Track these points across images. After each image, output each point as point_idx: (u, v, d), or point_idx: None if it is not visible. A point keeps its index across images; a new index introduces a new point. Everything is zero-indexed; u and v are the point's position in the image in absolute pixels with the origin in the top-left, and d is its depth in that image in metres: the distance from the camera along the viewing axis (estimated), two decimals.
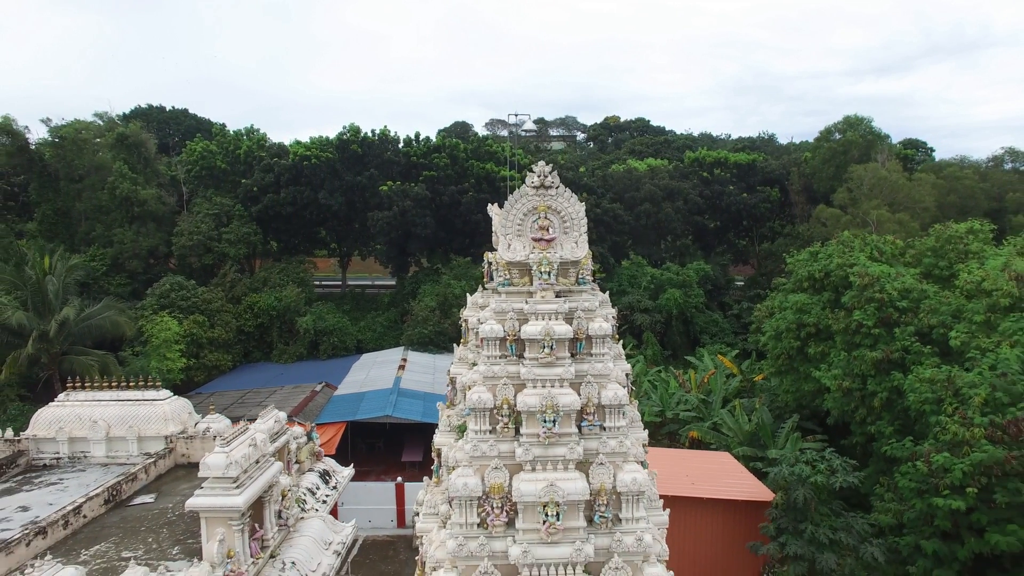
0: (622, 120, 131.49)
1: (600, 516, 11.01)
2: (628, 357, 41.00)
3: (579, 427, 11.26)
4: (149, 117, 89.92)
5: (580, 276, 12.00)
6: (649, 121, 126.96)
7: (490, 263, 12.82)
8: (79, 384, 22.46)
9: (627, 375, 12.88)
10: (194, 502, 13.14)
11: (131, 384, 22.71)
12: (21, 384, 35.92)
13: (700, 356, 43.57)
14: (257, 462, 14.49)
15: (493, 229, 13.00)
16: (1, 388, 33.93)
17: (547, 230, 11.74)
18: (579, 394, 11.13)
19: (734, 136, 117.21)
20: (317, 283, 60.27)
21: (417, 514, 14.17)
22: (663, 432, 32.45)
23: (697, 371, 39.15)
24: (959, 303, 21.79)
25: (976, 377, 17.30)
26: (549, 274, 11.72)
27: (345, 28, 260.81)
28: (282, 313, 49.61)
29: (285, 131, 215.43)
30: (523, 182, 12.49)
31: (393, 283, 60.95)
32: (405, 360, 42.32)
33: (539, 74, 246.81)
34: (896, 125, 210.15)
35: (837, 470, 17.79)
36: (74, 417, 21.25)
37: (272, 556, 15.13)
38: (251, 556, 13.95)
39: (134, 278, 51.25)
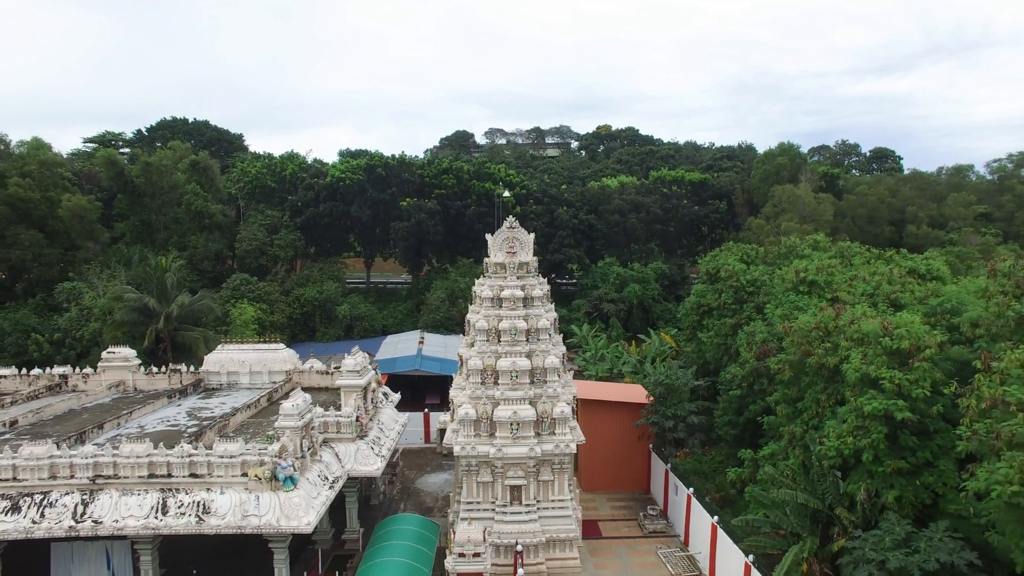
0: (613, 129, 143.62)
1: (537, 378, 24.09)
2: (595, 337, 54.40)
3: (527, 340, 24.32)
4: (174, 129, 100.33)
5: (528, 269, 25.08)
6: (638, 130, 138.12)
7: (486, 263, 25.86)
8: (227, 341, 35.62)
9: (555, 319, 25.99)
10: (339, 382, 26.12)
11: (257, 340, 35.83)
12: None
13: (650, 335, 56.55)
14: (365, 367, 27.49)
15: (488, 245, 26.17)
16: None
17: (512, 247, 24.81)
18: (526, 323, 24.18)
19: (718, 144, 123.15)
20: (348, 281, 73.44)
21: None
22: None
23: (644, 344, 52.32)
24: (778, 287, 34.75)
25: (761, 326, 30.27)
26: (514, 268, 24.84)
27: (345, 28, 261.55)
28: (322, 303, 62.48)
29: (285, 131, 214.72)
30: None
31: (409, 280, 73.91)
32: (423, 339, 55.17)
33: (539, 74, 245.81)
34: (896, 124, 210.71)
35: (680, 376, 30.94)
36: (228, 359, 34.26)
37: (370, 419, 28.17)
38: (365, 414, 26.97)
39: (203, 276, 64.32)
